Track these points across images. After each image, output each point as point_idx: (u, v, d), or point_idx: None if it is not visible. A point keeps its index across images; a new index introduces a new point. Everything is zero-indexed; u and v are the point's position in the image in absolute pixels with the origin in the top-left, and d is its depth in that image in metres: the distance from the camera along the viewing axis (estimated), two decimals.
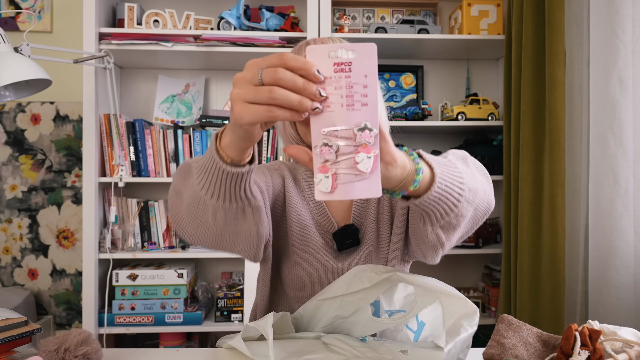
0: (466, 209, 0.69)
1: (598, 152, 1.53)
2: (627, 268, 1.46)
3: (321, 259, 0.93)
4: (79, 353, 0.77)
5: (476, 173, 0.73)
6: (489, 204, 0.75)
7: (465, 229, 0.75)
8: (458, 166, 0.69)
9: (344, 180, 0.55)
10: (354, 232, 0.94)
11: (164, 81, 2.20)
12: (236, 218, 0.69)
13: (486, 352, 0.76)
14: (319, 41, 0.93)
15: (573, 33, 1.66)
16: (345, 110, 0.54)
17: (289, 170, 0.98)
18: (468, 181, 0.68)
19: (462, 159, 0.75)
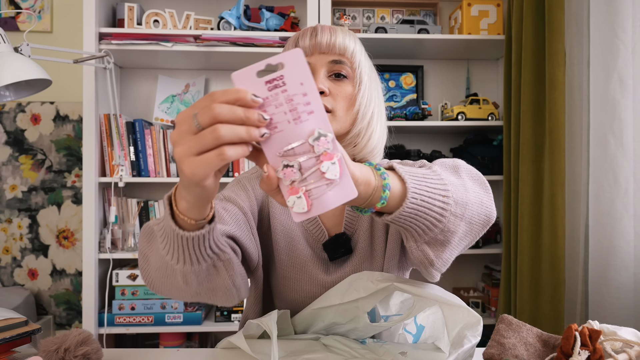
0: (454, 224, 0.64)
1: (598, 152, 1.53)
2: (627, 268, 1.46)
3: (310, 273, 0.89)
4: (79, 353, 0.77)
5: (469, 184, 0.69)
6: (488, 216, 0.70)
7: (461, 245, 0.70)
8: (443, 177, 0.65)
9: (317, 194, 0.53)
10: (346, 241, 0.89)
11: (164, 81, 2.20)
12: (208, 275, 0.66)
13: (486, 352, 0.76)
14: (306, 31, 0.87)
15: (573, 33, 1.66)
16: (294, 125, 0.51)
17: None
18: (454, 194, 0.64)
19: (452, 168, 0.71)
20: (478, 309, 2.14)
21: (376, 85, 0.90)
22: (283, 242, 0.90)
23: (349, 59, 0.85)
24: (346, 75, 0.84)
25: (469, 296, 2.17)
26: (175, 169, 2.01)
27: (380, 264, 0.91)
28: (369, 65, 0.89)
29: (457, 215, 0.64)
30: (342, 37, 0.84)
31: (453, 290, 2.33)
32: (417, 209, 0.61)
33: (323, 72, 0.84)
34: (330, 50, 0.84)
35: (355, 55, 0.85)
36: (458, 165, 0.73)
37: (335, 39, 0.83)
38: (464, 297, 2.19)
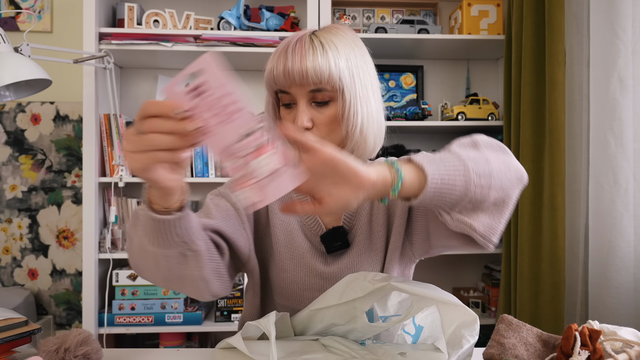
0: (482, 194, 0.68)
1: (598, 152, 1.53)
2: (627, 268, 1.46)
3: (308, 264, 0.90)
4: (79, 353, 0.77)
5: (489, 155, 0.71)
6: (519, 176, 0.73)
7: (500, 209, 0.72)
8: (461, 155, 0.69)
9: (267, 182, 0.57)
10: (343, 235, 0.90)
11: (164, 81, 2.20)
12: (177, 263, 0.70)
13: (486, 352, 0.76)
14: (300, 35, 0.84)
15: (573, 33, 1.66)
16: (226, 125, 0.54)
17: None
18: (476, 167, 0.67)
19: (470, 145, 0.74)
20: (478, 309, 2.14)
21: (367, 86, 0.84)
22: (282, 236, 0.92)
23: (328, 82, 0.79)
24: (328, 98, 0.81)
25: (469, 296, 2.17)
26: None
27: (380, 258, 0.91)
28: (356, 66, 0.82)
29: (483, 186, 0.68)
30: (314, 62, 0.78)
31: (453, 290, 2.33)
32: (441, 189, 0.66)
33: (303, 103, 0.81)
34: (304, 81, 0.79)
35: (334, 75, 0.79)
36: (476, 140, 0.75)
37: (307, 66, 0.78)
38: (464, 297, 2.19)
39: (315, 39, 0.81)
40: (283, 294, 0.93)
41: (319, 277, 0.91)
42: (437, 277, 2.33)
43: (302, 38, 0.82)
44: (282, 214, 0.89)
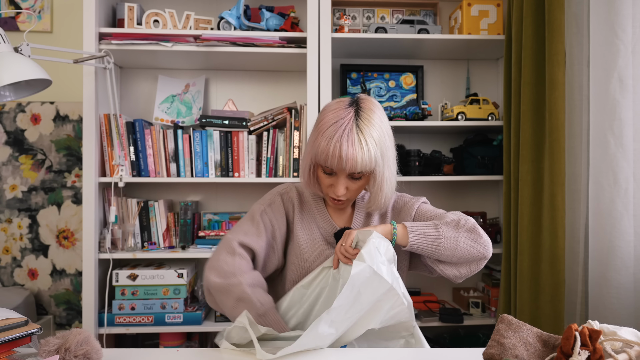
0: (448, 259, 1.08)
1: (598, 152, 1.53)
2: (627, 268, 1.46)
3: (325, 253, 1.16)
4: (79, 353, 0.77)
5: (461, 236, 1.07)
6: (480, 254, 1.08)
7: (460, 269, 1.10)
8: (441, 232, 1.07)
9: None
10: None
11: (164, 81, 2.20)
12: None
13: (486, 352, 0.76)
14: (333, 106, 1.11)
15: (573, 33, 1.66)
16: None
17: (297, 193, 1.22)
18: (445, 241, 1.06)
19: (454, 225, 1.08)
20: (478, 309, 2.14)
21: (389, 160, 1.09)
22: (305, 236, 1.18)
23: (365, 171, 1.05)
24: (360, 177, 1.08)
25: (469, 296, 2.18)
26: (175, 169, 2.01)
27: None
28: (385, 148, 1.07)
29: (448, 255, 1.07)
30: (362, 156, 1.02)
31: (453, 290, 2.33)
32: (415, 249, 1.08)
33: (342, 177, 1.07)
34: (353, 170, 1.04)
35: (371, 166, 1.04)
36: (459, 222, 1.09)
37: (357, 161, 1.02)
38: (464, 297, 2.19)
39: (359, 131, 1.03)
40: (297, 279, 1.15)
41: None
42: (437, 278, 2.32)
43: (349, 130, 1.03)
44: (307, 221, 1.20)
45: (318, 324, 0.88)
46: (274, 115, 2.03)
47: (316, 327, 0.88)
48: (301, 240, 1.18)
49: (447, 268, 1.09)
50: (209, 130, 2.01)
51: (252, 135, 2.03)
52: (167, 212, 2.09)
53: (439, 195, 2.32)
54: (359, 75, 2.26)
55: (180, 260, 2.09)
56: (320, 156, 1.04)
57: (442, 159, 2.12)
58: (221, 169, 2.02)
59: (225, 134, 2.02)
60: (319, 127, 1.06)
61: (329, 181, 1.09)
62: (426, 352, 0.96)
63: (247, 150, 2.02)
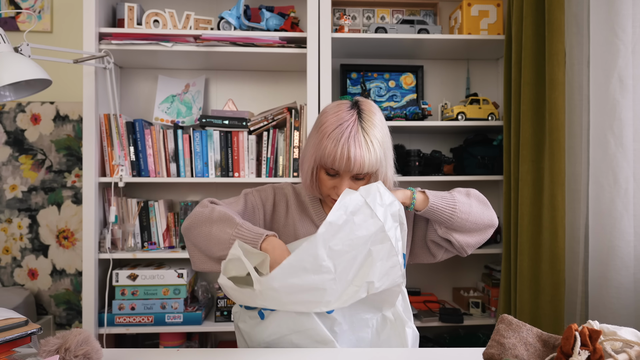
0: (462, 221, 1.11)
1: (598, 152, 1.53)
2: (627, 268, 1.46)
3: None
4: (79, 353, 0.77)
5: (473, 203, 1.14)
6: (490, 220, 1.15)
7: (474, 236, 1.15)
8: (455, 197, 1.12)
9: None
10: None
11: (164, 81, 2.20)
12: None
13: (486, 352, 0.76)
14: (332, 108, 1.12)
15: (573, 33, 1.66)
16: None
17: (293, 191, 1.22)
18: (460, 205, 1.11)
19: (465, 194, 1.16)
20: (478, 309, 2.14)
21: (389, 159, 1.12)
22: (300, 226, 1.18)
23: (369, 171, 1.08)
24: (364, 177, 1.10)
25: (469, 296, 2.18)
26: (175, 169, 2.01)
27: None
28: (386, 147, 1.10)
29: (462, 219, 1.11)
30: (362, 159, 1.04)
31: (453, 290, 2.33)
32: (435, 212, 1.11)
33: (347, 179, 1.09)
34: (358, 172, 1.06)
35: (375, 167, 1.07)
36: (469, 191, 1.17)
37: (360, 164, 1.04)
38: (464, 297, 2.19)
39: (364, 133, 1.05)
40: None
41: None
42: (437, 277, 2.33)
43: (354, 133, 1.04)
44: (302, 221, 1.19)
45: (316, 245, 0.86)
46: (274, 115, 2.03)
47: (314, 248, 0.86)
48: (298, 229, 1.17)
49: (460, 236, 1.12)
50: (209, 130, 2.01)
51: (252, 135, 2.03)
52: (167, 212, 2.09)
53: None
54: (359, 75, 2.26)
55: (180, 260, 2.09)
56: (327, 159, 1.05)
57: (442, 159, 2.12)
58: (221, 169, 2.02)
59: (225, 134, 2.02)
60: (322, 130, 1.07)
61: (331, 183, 1.10)
62: (427, 352, 0.96)
63: (247, 150, 2.02)
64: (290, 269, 0.85)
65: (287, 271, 0.85)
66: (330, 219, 0.88)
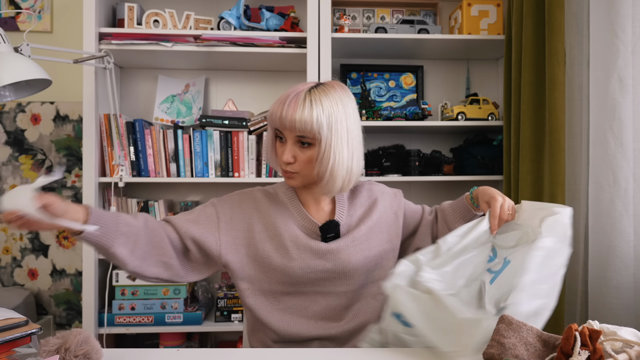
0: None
1: (598, 152, 1.53)
2: (627, 268, 1.46)
3: (312, 249, 1.10)
4: (79, 353, 0.77)
5: None
6: None
7: None
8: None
9: None
10: (336, 226, 1.13)
11: (164, 81, 2.20)
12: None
13: (486, 352, 0.76)
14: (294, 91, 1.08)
15: (573, 33, 1.66)
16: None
17: (265, 195, 1.17)
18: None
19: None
20: None
21: (342, 138, 1.05)
22: (287, 234, 1.11)
23: (309, 132, 1.02)
24: (310, 142, 1.04)
25: None
26: (175, 169, 2.01)
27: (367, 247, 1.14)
28: (336, 121, 1.04)
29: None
30: (301, 115, 1.01)
31: None
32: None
33: (291, 142, 1.06)
34: (293, 128, 1.03)
35: (314, 128, 1.02)
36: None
37: (295, 118, 1.01)
38: None
39: (308, 96, 1.03)
40: (290, 282, 1.10)
41: (321, 258, 1.10)
42: None
43: (299, 94, 1.04)
44: (283, 219, 1.12)
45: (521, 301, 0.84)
46: None
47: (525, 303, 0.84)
48: (284, 235, 1.11)
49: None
50: (209, 130, 2.01)
51: (252, 135, 2.03)
52: (167, 212, 2.09)
53: (439, 195, 2.32)
54: (359, 75, 2.26)
55: None
56: (270, 119, 1.07)
57: (442, 159, 2.12)
58: (221, 169, 2.02)
59: (225, 134, 2.02)
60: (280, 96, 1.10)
61: (280, 151, 1.08)
62: (427, 352, 0.96)
63: (247, 150, 2.02)
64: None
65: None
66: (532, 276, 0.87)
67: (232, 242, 1.11)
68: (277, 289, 1.12)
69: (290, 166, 1.07)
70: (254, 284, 1.12)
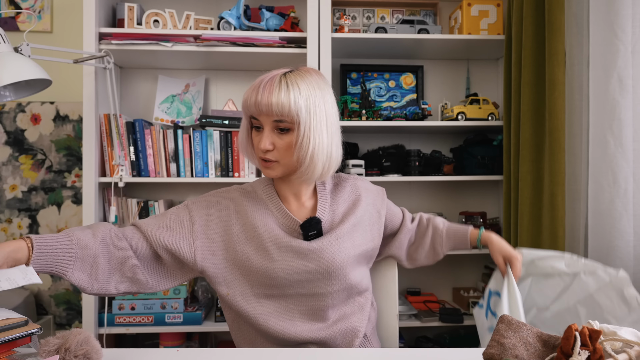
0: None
1: (598, 152, 1.53)
2: (627, 268, 1.46)
3: (293, 249, 1.06)
4: (79, 353, 0.77)
5: None
6: None
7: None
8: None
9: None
10: (317, 223, 1.08)
11: (164, 81, 2.20)
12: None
13: (486, 352, 0.76)
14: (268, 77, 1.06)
15: (573, 33, 1.66)
16: None
17: (242, 194, 1.12)
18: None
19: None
20: None
21: (321, 121, 1.02)
22: (266, 234, 1.07)
23: (287, 115, 0.99)
24: (288, 127, 1.01)
25: (469, 296, 2.18)
26: (175, 169, 2.01)
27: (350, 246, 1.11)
28: (314, 104, 1.01)
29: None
30: (278, 97, 0.98)
31: (453, 290, 2.33)
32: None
33: (268, 129, 1.02)
34: (270, 112, 0.99)
35: (292, 110, 0.99)
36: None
37: (272, 101, 0.98)
38: (464, 297, 2.19)
39: (284, 79, 1.01)
40: (272, 284, 1.07)
41: (303, 256, 1.06)
42: (437, 277, 2.33)
43: (274, 77, 1.01)
44: (261, 217, 1.08)
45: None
46: None
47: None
48: (264, 239, 1.06)
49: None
50: (209, 130, 2.02)
51: None
52: None
53: (439, 195, 2.32)
54: (359, 75, 2.26)
55: None
56: (244, 106, 1.04)
57: (442, 159, 2.12)
58: (221, 169, 2.02)
59: (225, 134, 2.02)
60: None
61: (257, 140, 1.05)
62: (427, 352, 0.96)
63: None
64: None
65: None
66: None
67: (208, 247, 1.06)
68: (259, 292, 1.08)
69: (269, 154, 1.03)
70: (234, 288, 1.07)
